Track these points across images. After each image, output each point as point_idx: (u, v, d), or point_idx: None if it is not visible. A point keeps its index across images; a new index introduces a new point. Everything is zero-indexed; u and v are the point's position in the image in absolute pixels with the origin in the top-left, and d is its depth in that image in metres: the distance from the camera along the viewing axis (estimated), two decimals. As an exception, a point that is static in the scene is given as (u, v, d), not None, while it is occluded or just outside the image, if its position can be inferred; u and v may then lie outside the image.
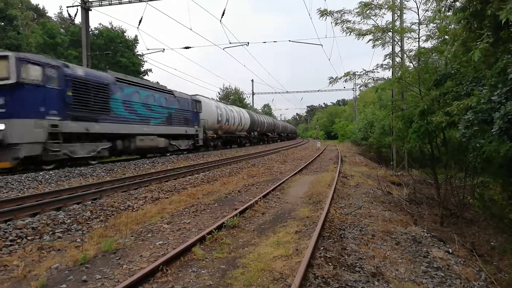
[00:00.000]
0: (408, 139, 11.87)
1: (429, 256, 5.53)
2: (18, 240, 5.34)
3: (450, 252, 6.22)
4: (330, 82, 12.56)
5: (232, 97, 66.48)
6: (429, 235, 6.88)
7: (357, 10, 11.28)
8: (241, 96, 68.75)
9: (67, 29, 37.29)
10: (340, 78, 12.53)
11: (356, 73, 12.61)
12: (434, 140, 11.35)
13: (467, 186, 11.13)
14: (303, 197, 8.91)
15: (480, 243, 8.22)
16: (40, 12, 42.90)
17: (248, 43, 25.36)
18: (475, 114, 6.27)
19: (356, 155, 28.57)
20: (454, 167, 11.11)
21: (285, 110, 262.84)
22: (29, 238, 5.47)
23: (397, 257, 5.30)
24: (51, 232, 5.82)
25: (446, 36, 9.94)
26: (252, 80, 71.70)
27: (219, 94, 68.40)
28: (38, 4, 44.60)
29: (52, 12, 74.99)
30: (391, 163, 19.07)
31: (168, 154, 19.98)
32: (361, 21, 11.48)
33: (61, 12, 46.25)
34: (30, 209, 6.76)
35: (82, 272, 4.17)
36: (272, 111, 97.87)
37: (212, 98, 31.74)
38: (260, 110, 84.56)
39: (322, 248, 4.94)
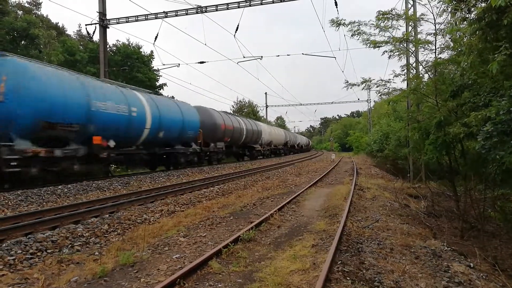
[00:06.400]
0: (425, 150, 11.70)
1: (450, 271, 5.38)
2: (38, 253, 5.44)
3: (472, 266, 6.04)
4: (346, 86, 12.67)
5: (246, 110, 66.68)
6: (449, 249, 6.71)
7: (373, 22, 11.33)
8: (255, 109, 68.92)
9: (85, 46, 38.33)
10: (358, 85, 12.60)
11: (373, 80, 12.63)
12: (452, 152, 11.14)
13: (487, 199, 10.83)
14: (319, 210, 8.83)
15: (503, 257, 7.96)
16: (60, 30, 44.37)
17: (261, 56, 25.68)
18: (494, 126, 6.17)
19: (371, 167, 28.23)
20: (474, 179, 10.85)
21: (299, 122, 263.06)
22: (48, 251, 5.57)
23: (417, 271, 5.18)
24: (70, 245, 5.91)
25: (461, 48, 9.86)
26: (266, 93, 71.84)
27: (233, 107, 68.79)
28: (58, 23, 46.25)
29: (71, 30, 77.50)
30: (408, 175, 18.76)
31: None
32: (378, 33, 11.52)
33: (79, 30, 47.77)
34: (50, 222, 6.88)
35: (101, 285, 4.21)
36: (286, 123, 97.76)
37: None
38: (273, 123, 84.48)
39: (339, 262, 4.88)
